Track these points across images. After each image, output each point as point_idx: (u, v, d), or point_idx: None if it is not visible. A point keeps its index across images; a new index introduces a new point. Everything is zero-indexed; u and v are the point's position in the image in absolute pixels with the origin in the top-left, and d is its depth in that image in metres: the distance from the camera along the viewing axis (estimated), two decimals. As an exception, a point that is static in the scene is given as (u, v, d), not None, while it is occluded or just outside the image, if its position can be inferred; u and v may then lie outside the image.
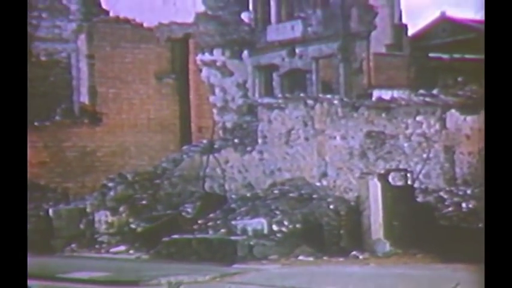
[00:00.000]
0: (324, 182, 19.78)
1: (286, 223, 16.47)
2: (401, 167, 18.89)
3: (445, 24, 32.73)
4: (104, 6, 26.55)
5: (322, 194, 17.95)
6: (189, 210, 18.81)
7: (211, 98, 28.67)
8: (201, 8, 28.51)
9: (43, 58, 25.97)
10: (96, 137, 26.27)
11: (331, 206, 16.59)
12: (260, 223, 16.56)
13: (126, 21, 26.91)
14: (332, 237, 16.07)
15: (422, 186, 18.35)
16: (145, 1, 27.18)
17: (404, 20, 27.70)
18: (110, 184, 20.89)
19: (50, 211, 19.55)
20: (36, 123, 25.02)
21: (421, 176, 18.98)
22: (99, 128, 26.32)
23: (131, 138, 26.90)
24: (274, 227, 16.41)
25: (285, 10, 28.82)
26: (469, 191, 17.13)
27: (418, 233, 15.57)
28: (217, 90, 28.79)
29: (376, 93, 24.34)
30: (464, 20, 31.64)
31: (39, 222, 19.36)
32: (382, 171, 17.36)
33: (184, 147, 23.20)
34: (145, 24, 27.27)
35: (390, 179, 16.59)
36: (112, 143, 26.51)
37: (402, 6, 27.42)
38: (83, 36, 26.36)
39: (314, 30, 27.41)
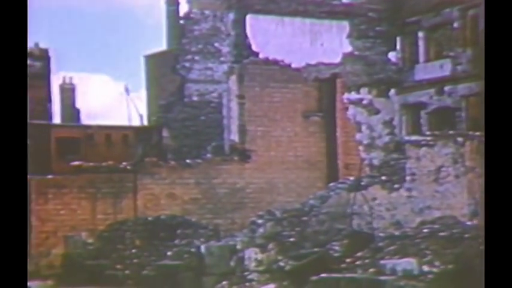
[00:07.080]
0: (475, 221, 19.24)
1: (437, 264, 16.13)
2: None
3: None
4: (254, 48, 27.35)
5: (474, 233, 17.47)
6: (337, 248, 18.83)
7: (358, 136, 28.71)
8: (348, 49, 28.75)
9: (195, 98, 27.02)
10: (246, 174, 26.88)
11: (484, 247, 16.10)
12: (410, 263, 16.30)
13: (275, 62, 27.58)
14: (485, 279, 15.58)
15: None
16: (293, 42, 27.76)
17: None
18: (259, 221, 21.27)
19: (202, 248, 19.98)
20: (188, 161, 25.92)
21: None
22: (248, 165, 26.94)
23: (279, 175, 27.32)
24: (425, 268, 16.10)
25: (433, 49, 28.52)
26: None
27: None
28: (363, 128, 28.80)
29: (529, 131, 23.55)
30: None
31: (191, 259, 19.89)
32: (538, 212, 16.69)
33: (331, 184, 23.31)
34: (293, 65, 27.83)
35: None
36: (260, 180, 27.02)
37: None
38: (233, 77, 27.22)
39: (464, 69, 26.94)
